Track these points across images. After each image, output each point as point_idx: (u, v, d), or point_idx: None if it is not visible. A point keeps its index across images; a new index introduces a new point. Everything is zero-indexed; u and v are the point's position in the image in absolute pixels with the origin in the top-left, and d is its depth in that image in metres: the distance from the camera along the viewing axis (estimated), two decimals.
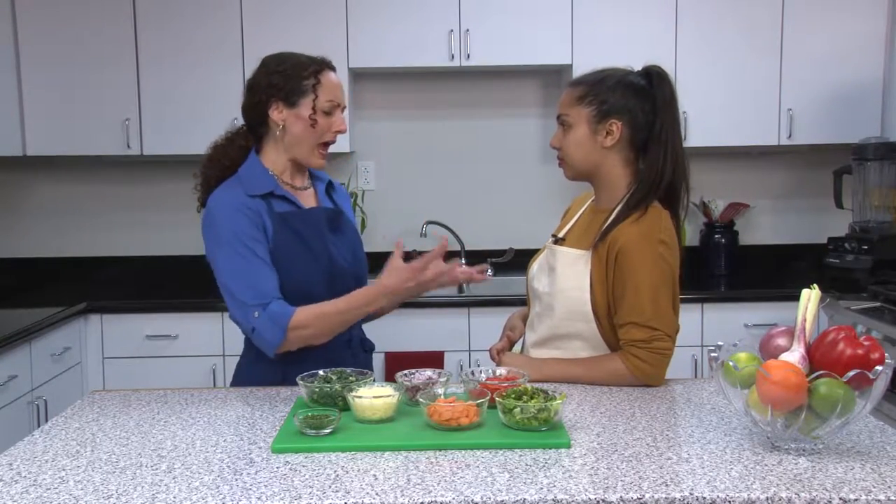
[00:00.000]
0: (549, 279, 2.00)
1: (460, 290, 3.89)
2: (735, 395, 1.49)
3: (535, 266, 2.09)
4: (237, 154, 2.05)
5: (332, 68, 2.05)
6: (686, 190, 1.98)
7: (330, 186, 2.18)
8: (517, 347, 2.19)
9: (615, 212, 1.94)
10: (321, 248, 2.01)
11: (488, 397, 1.61)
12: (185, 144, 3.59)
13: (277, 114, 1.99)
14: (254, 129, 2.06)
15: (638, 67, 2.00)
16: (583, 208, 2.11)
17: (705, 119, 3.64)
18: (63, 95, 3.61)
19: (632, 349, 1.87)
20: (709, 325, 3.43)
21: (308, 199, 2.09)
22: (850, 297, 3.21)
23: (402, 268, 1.90)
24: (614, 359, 1.89)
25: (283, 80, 1.98)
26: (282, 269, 1.96)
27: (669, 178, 1.93)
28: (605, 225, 1.93)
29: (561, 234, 2.07)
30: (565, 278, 1.95)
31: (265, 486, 1.34)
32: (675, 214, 1.97)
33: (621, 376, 1.88)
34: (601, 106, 1.93)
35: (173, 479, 1.38)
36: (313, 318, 1.90)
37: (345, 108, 2.06)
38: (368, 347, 2.20)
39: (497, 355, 2.09)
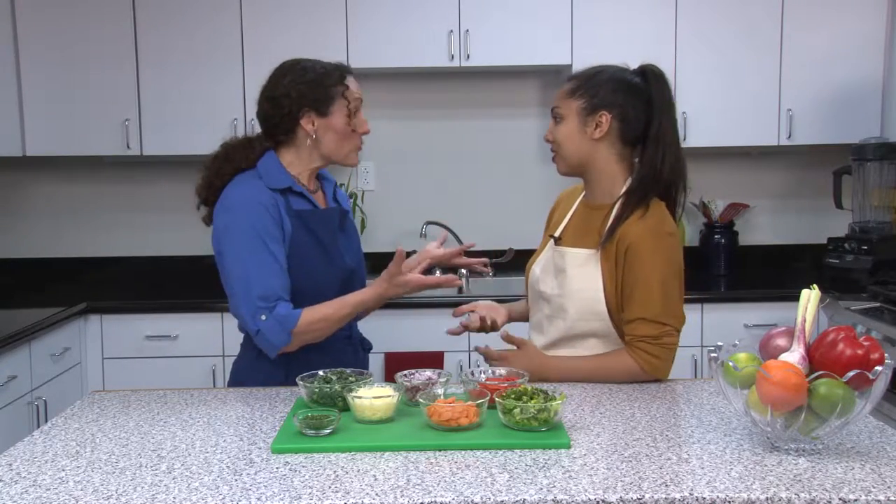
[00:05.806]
0: (558, 281, 1.99)
1: (460, 290, 3.89)
2: (735, 395, 1.50)
3: (538, 269, 2.08)
4: (255, 157, 2.02)
5: (351, 72, 2.05)
6: (684, 190, 1.99)
7: (335, 188, 2.20)
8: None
9: (616, 208, 1.95)
10: (335, 248, 2.03)
11: (488, 398, 1.61)
12: (185, 145, 3.59)
13: (310, 125, 1.99)
14: (273, 137, 2.04)
15: (636, 66, 2.02)
16: (574, 205, 2.10)
17: (705, 119, 3.64)
18: (63, 95, 3.60)
19: (641, 345, 1.89)
20: (709, 326, 3.43)
21: (320, 201, 2.10)
22: (850, 297, 3.21)
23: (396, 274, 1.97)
24: (622, 354, 1.91)
25: (312, 90, 1.97)
26: (298, 267, 1.96)
27: (667, 177, 1.94)
28: (610, 223, 1.93)
29: (557, 234, 2.07)
30: (577, 279, 1.95)
31: (265, 486, 1.34)
32: (672, 214, 1.98)
33: (632, 372, 1.89)
34: (591, 99, 1.95)
35: (173, 479, 1.38)
36: (317, 321, 1.94)
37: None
38: (367, 347, 2.21)
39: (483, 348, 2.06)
